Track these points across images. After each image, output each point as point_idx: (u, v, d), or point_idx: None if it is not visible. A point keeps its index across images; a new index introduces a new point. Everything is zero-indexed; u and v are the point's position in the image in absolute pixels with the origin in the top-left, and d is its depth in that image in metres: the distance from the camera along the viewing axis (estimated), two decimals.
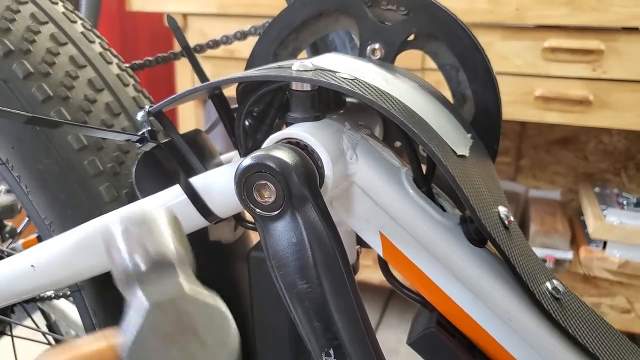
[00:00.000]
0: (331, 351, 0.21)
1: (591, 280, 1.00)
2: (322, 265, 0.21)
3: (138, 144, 0.28)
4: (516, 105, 0.96)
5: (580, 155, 1.25)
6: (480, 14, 0.91)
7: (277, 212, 0.22)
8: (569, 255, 1.01)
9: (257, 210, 0.22)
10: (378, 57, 0.32)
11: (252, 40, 0.35)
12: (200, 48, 0.39)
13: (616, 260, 0.95)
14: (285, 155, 0.22)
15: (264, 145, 0.24)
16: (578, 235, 1.05)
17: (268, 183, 0.22)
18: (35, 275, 0.30)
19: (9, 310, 0.54)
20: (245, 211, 0.31)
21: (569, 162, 1.26)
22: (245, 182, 0.22)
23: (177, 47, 0.87)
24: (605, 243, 0.97)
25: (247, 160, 0.22)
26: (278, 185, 0.22)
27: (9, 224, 0.59)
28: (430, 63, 1.00)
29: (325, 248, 0.21)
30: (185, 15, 1.09)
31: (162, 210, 0.21)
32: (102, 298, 0.33)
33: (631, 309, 0.99)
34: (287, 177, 0.21)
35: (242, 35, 0.37)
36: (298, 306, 0.22)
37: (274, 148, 0.23)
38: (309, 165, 0.23)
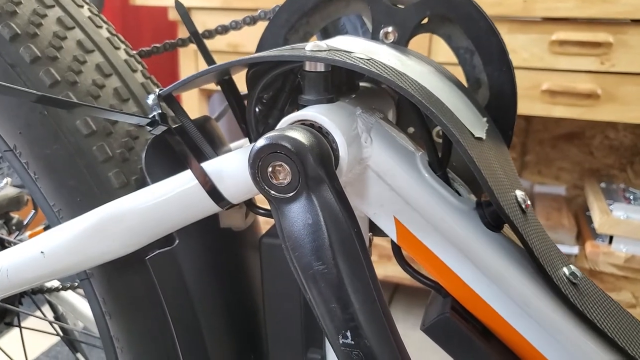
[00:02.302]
0: (348, 333, 0.21)
1: (597, 275, 1.00)
2: (338, 246, 0.21)
3: (149, 127, 0.27)
4: (522, 99, 0.95)
5: (586, 151, 1.24)
6: (487, 7, 0.90)
7: (293, 193, 0.22)
8: (574, 250, 1.01)
9: (272, 192, 0.22)
10: (391, 40, 0.32)
11: (255, 34, 0.35)
12: (209, 34, 0.38)
13: (622, 255, 0.94)
14: (300, 135, 0.22)
15: (277, 127, 0.24)
16: (584, 230, 1.05)
17: (283, 164, 0.21)
18: (45, 262, 0.30)
19: (16, 301, 0.54)
20: (255, 197, 0.31)
21: (575, 158, 1.25)
22: (260, 163, 0.22)
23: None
24: (611, 238, 0.96)
25: (262, 141, 0.22)
26: (293, 166, 0.21)
27: (15, 216, 0.59)
28: (438, 56, 0.99)
29: (342, 229, 0.21)
30: (188, 9, 1.09)
31: None
32: (112, 285, 0.33)
33: (637, 303, 0.99)
34: (303, 158, 0.21)
35: (252, 20, 0.37)
36: (314, 288, 0.21)
37: (289, 129, 0.22)
38: (324, 146, 0.22)
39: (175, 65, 1.15)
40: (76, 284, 0.55)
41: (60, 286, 0.55)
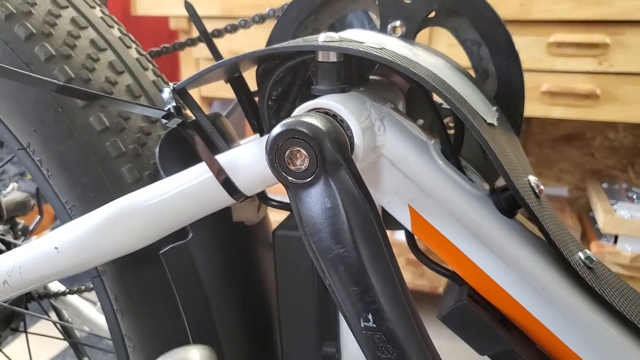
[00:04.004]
0: (369, 316, 0.21)
1: None
2: (357, 229, 0.21)
3: (164, 120, 0.28)
4: None
5: (587, 152, 1.25)
6: None
7: (310, 178, 0.22)
8: None
9: (290, 178, 0.22)
10: (399, 34, 0.32)
11: (256, 42, 0.35)
12: (218, 33, 0.39)
13: (628, 254, 0.94)
14: (316, 121, 0.22)
15: (293, 114, 0.24)
16: (588, 230, 1.05)
17: (301, 149, 0.22)
18: (59, 258, 0.30)
19: (23, 306, 0.53)
20: (268, 190, 0.31)
21: (575, 159, 1.26)
22: (277, 149, 0.22)
23: (182, 52, 0.88)
24: (616, 237, 0.96)
25: (278, 128, 0.22)
26: (311, 151, 0.21)
27: (21, 221, 0.59)
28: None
29: (361, 212, 0.21)
30: (189, 18, 1.10)
31: (197, 350, 0.23)
32: (124, 281, 0.33)
33: None
34: (320, 142, 0.21)
35: (261, 19, 0.38)
36: (334, 272, 0.21)
37: (305, 115, 0.23)
38: (340, 132, 0.23)
39: (176, 73, 1.16)
40: (83, 287, 0.54)
41: (67, 290, 0.55)
